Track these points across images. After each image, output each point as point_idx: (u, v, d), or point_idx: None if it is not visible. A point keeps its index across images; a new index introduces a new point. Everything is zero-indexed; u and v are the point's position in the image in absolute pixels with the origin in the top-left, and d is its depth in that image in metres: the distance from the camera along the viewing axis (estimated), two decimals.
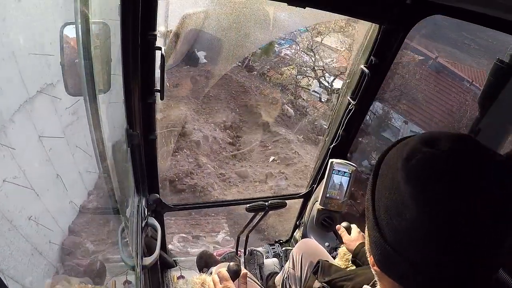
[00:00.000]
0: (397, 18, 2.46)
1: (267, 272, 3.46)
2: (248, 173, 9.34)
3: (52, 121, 3.80)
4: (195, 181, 8.57)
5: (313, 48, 12.87)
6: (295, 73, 13.42)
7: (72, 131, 4.13)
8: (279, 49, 14.30)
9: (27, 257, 3.04)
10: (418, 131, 9.56)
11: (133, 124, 2.08)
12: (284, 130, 11.28)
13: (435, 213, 0.89)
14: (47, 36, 3.36)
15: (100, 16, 1.62)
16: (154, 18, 1.97)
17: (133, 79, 1.91)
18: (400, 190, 0.94)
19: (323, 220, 3.24)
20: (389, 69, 2.88)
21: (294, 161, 10.15)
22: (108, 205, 2.26)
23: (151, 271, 2.79)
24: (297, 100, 13.02)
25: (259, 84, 12.89)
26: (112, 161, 1.92)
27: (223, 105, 11.55)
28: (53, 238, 3.74)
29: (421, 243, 0.92)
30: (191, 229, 6.89)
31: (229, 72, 12.41)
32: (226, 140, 10.37)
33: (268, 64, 13.60)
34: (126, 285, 2.92)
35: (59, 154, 3.87)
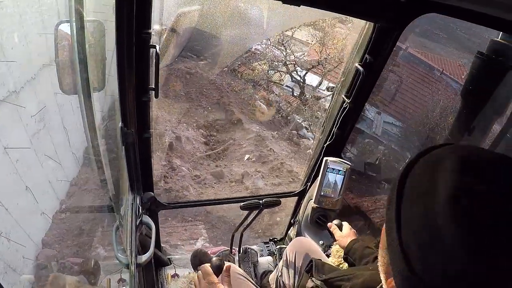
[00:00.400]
0: (392, 17, 2.46)
1: (262, 270, 3.46)
2: (223, 174, 9.23)
3: (17, 131, 3.69)
4: (170, 185, 8.47)
5: (284, 43, 12.83)
6: (266, 68, 13.37)
7: (40, 139, 4.02)
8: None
9: (0, 276, 2.99)
10: (391, 121, 9.49)
11: (128, 122, 2.08)
12: (258, 127, 11.18)
13: (488, 266, 0.80)
14: (8, 42, 3.31)
15: (94, 15, 1.61)
16: (148, 16, 1.97)
17: (128, 77, 1.91)
18: (442, 230, 0.83)
19: (318, 218, 3.26)
20: (384, 67, 2.89)
21: (270, 159, 10.02)
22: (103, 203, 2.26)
23: (145, 269, 2.79)
24: (269, 95, 12.94)
25: (231, 81, 12.81)
26: (107, 159, 1.92)
27: (194, 103, 11.42)
28: (27, 253, 3.63)
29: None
30: (168, 238, 6.70)
31: (199, 69, 12.37)
32: (199, 140, 10.24)
33: (239, 60, 13.47)
34: (121, 283, 2.92)
35: (27, 165, 3.77)
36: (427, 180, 0.92)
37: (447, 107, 6.87)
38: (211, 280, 1.84)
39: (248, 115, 11.71)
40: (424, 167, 0.98)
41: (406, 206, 0.94)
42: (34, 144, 3.93)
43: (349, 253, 2.41)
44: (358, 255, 2.35)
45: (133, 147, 2.21)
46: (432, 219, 0.85)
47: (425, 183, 0.92)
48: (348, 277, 1.84)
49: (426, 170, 0.96)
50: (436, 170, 0.91)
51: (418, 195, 0.92)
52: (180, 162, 9.23)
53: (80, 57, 1.24)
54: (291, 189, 3.86)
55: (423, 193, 0.91)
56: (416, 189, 0.94)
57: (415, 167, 1.00)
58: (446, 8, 2.14)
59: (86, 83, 1.30)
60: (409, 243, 0.90)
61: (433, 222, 0.84)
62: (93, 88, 1.47)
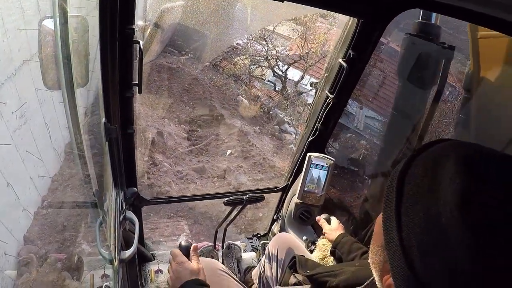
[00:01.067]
0: (376, 12, 2.48)
1: (245, 266, 3.47)
2: (205, 169, 9.19)
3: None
4: (152, 181, 8.41)
5: (266, 37, 12.72)
6: (248, 63, 13.24)
7: (21, 136, 3.99)
8: None
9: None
10: (373, 116, 9.48)
11: (111, 118, 2.07)
12: (240, 122, 11.13)
13: (494, 268, 0.78)
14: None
15: (78, 10, 1.61)
16: (132, 12, 1.96)
17: (111, 73, 1.90)
18: (448, 232, 0.81)
19: (301, 214, 3.28)
20: (368, 63, 2.91)
21: (252, 154, 9.99)
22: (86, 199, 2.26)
23: (129, 265, 2.79)
24: (251, 90, 12.92)
25: (212, 76, 12.67)
26: (90, 155, 1.92)
27: (176, 98, 11.31)
28: (8, 249, 3.66)
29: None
30: (151, 234, 6.65)
31: (180, 64, 12.32)
32: (181, 135, 10.16)
33: (221, 55, 13.39)
34: (104, 278, 2.92)
35: (8, 162, 3.77)
36: (429, 179, 0.90)
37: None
38: (180, 260, 2.00)
39: (230, 110, 11.66)
40: (425, 165, 0.96)
41: (407, 205, 0.92)
42: (15, 140, 3.88)
43: (337, 247, 2.44)
44: (346, 249, 2.37)
45: (116, 142, 2.20)
46: (437, 220, 0.83)
47: (427, 182, 0.91)
48: (334, 273, 1.85)
49: (427, 168, 0.94)
50: (438, 169, 0.90)
51: (420, 194, 0.91)
52: (162, 157, 9.19)
53: (63, 53, 1.24)
54: (273, 184, 3.87)
55: (426, 192, 0.90)
56: (418, 188, 0.92)
57: (414, 164, 0.98)
58: (428, 4, 2.16)
59: (70, 78, 1.30)
60: (410, 243, 0.89)
61: (438, 224, 0.83)
62: (77, 83, 1.47)
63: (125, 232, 2.69)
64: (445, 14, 2.10)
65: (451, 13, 2.06)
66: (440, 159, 0.92)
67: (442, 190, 0.85)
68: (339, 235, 2.49)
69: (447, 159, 0.89)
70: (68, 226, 4.36)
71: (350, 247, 2.37)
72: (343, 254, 2.38)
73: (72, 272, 3.13)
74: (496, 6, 1.45)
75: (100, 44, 1.73)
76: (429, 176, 0.91)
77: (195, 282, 1.93)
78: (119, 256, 2.16)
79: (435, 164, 0.92)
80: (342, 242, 2.43)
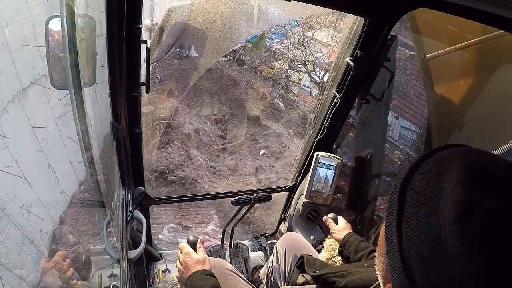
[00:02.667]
0: (382, 11, 2.47)
1: (253, 266, 3.47)
2: (238, 166, 9.35)
3: (44, 112, 3.78)
4: (186, 173, 8.57)
5: (304, 43, 12.80)
6: (286, 68, 13.31)
7: (64, 122, 4.01)
8: (270, 43, 14.28)
9: (18, 245, 3.04)
10: (409, 126, 9.41)
11: (119, 117, 2.08)
12: (275, 124, 11.26)
13: (496, 286, 0.76)
14: (39, 28, 3.34)
15: (85, 9, 1.61)
16: (139, 11, 1.97)
17: (119, 72, 1.91)
18: (446, 246, 0.78)
19: (309, 213, 3.27)
20: (375, 62, 2.90)
21: (284, 155, 10.11)
22: (94, 198, 2.27)
23: (136, 265, 2.80)
24: (287, 94, 12.96)
25: (250, 78, 12.81)
26: (98, 154, 1.92)
27: (214, 98, 11.52)
28: (45, 227, 3.69)
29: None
30: (181, 220, 6.92)
31: (220, 66, 12.37)
32: (216, 134, 10.35)
33: (259, 59, 13.49)
34: (112, 278, 2.92)
35: (51, 145, 3.84)
36: (432, 188, 0.87)
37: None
38: (187, 251, 2.12)
39: (266, 112, 11.74)
40: (428, 173, 0.91)
41: (408, 214, 0.89)
42: (59, 126, 3.98)
43: (344, 246, 2.43)
44: (354, 249, 2.36)
45: (123, 142, 2.20)
46: (436, 232, 0.81)
47: (429, 191, 0.87)
48: (342, 273, 1.82)
49: (430, 176, 0.90)
50: (441, 177, 0.86)
51: (422, 203, 0.87)
52: (196, 152, 9.36)
53: (71, 52, 1.24)
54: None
55: (427, 202, 0.86)
56: (419, 197, 0.89)
57: (418, 171, 0.94)
58: (437, 3, 2.14)
59: (77, 78, 1.30)
60: (410, 254, 0.86)
61: (437, 236, 0.80)
62: (84, 83, 1.47)
63: (133, 231, 2.70)
64: (453, 13, 2.08)
65: (459, 13, 2.05)
66: (444, 167, 0.88)
67: (442, 201, 0.82)
68: (346, 235, 2.48)
69: (451, 167, 0.86)
70: (83, 222, 4.41)
71: (357, 246, 2.36)
72: (350, 254, 2.37)
73: (80, 272, 3.14)
74: (508, 7, 1.45)
75: (107, 44, 1.74)
76: (431, 185, 0.87)
77: (201, 273, 2.00)
78: (127, 256, 2.17)
79: (438, 172, 0.89)
80: (350, 242, 2.42)
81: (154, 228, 6.50)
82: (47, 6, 3.46)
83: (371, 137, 3.56)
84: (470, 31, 2.59)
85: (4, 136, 2.93)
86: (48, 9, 3.42)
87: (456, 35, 2.73)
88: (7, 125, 3.04)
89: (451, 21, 2.67)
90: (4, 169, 2.96)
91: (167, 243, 6.09)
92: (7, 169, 3.01)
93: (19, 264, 3.00)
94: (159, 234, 6.45)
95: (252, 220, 7.46)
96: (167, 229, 6.60)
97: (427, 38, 3.04)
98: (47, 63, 1.70)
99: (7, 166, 3.03)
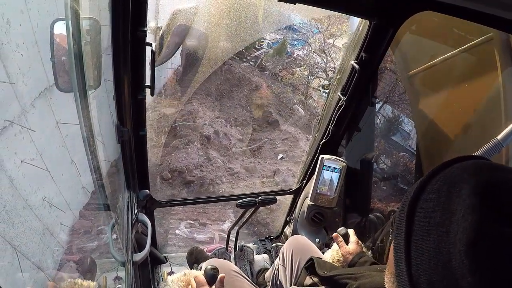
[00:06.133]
0: (387, 14, 2.46)
1: (258, 268, 3.47)
2: (256, 169, 9.39)
3: (69, 108, 3.76)
4: (204, 174, 8.65)
5: (325, 50, 12.81)
6: (306, 74, 13.34)
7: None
8: (292, 49, 14.39)
9: (39, 236, 3.14)
10: (412, 127, 9.31)
11: (124, 120, 2.08)
12: (294, 129, 11.28)
13: None
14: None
15: (90, 12, 1.62)
16: (144, 14, 1.97)
17: (124, 75, 1.91)
18: (456, 275, 0.75)
19: (313, 216, 3.26)
20: (379, 65, 2.90)
21: (302, 159, 10.08)
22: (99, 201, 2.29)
23: (141, 267, 2.80)
24: (307, 100, 12.97)
25: (271, 84, 12.88)
26: (103, 157, 1.92)
27: (234, 102, 11.57)
28: (65, 220, 3.85)
29: None
30: (198, 217, 7.01)
31: (241, 70, 12.49)
32: (236, 137, 10.39)
33: (280, 64, 13.54)
34: (117, 281, 2.93)
35: (74, 141, 3.93)
36: (442, 209, 0.83)
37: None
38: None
39: (285, 118, 11.79)
40: (438, 192, 0.86)
41: (417, 237, 0.86)
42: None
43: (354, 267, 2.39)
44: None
45: (128, 145, 2.21)
46: (447, 260, 0.77)
47: (439, 213, 0.83)
48: (355, 275, 1.79)
49: (440, 195, 0.85)
50: (452, 198, 0.82)
51: (431, 226, 0.83)
52: (216, 154, 9.44)
53: (76, 55, 1.24)
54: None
55: (437, 225, 0.82)
56: (429, 219, 0.84)
57: (427, 189, 0.90)
58: (442, 6, 2.13)
59: (82, 81, 1.30)
60: (419, 280, 0.83)
61: (447, 263, 0.77)
62: (89, 86, 1.47)
63: (138, 234, 2.70)
64: (457, 16, 2.07)
65: (463, 16, 2.04)
66: (455, 186, 0.83)
67: (453, 225, 0.78)
68: (355, 256, 2.42)
69: (463, 186, 0.81)
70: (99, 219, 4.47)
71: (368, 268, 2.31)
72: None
73: (85, 274, 3.15)
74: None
75: (112, 47, 1.74)
76: (442, 206, 0.83)
77: None
78: (132, 259, 2.16)
79: (449, 191, 0.84)
80: (359, 263, 2.36)
81: (172, 223, 6.62)
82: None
83: (376, 140, 3.55)
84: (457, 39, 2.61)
85: (30, 129, 3.06)
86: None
87: (440, 47, 2.77)
88: (33, 120, 3.15)
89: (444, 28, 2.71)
90: (29, 161, 3.07)
91: (172, 245, 6.11)
92: (31, 162, 3.13)
93: (38, 254, 3.08)
94: (176, 229, 6.53)
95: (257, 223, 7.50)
96: (184, 224, 6.66)
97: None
98: (52, 66, 1.71)
99: (32, 159, 3.15)
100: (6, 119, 2.80)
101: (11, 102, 2.90)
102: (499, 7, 1.63)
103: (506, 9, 1.60)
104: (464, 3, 1.81)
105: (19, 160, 2.96)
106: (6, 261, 2.57)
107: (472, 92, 2.60)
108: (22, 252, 2.76)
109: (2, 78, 2.71)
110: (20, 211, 2.95)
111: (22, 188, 2.97)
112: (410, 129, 3.73)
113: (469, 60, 2.59)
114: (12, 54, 2.83)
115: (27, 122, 3.05)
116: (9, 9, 2.76)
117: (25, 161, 3.02)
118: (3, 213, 2.64)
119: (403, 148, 3.93)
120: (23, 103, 3.05)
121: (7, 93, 2.83)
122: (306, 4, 2.26)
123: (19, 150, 2.95)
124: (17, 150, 2.91)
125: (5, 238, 2.60)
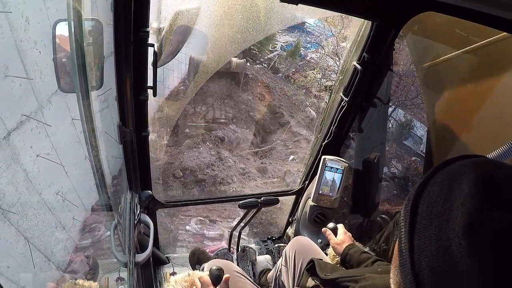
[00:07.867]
0: (389, 15, 2.46)
1: (260, 269, 3.46)
2: (267, 169, 9.46)
3: None
4: (216, 173, 8.75)
5: (338, 53, 12.80)
6: (319, 77, 13.38)
7: (102, 117, 4.08)
8: (305, 52, 14.49)
9: (51, 229, 3.20)
10: (417, 128, 9.31)
11: (126, 120, 2.08)
12: (305, 131, 11.30)
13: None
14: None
15: (92, 13, 1.62)
16: (146, 14, 1.97)
17: (126, 76, 1.91)
18: (456, 259, 0.77)
19: (316, 216, 3.26)
20: (382, 66, 2.89)
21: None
22: (101, 201, 2.30)
23: (143, 268, 2.80)
24: (319, 102, 12.99)
25: (284, 86, 12.95)
26: (105, 157, 1.92)
27: (247, 104, 11.61)
28: (77, 215, 3.93)
29: None
30: (209, 214, 7.13)
31: (254, 72, 12.57)
32: (248, 138, 10.45)
33: (293, 67, 13.64)
34: (119, 281, 2.93)
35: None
36: (443, 199, 0.86)
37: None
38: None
39: (297, 120, 11.83)
40: (441, 185, 0.90)
41: (420, 226, 0.89)
42: (96, 120, 4.06)
43: (345, 259, 2.40)
44: (356, 261, 2.33)
45: (131, 145, 2.21)
46: (447, 245, 0.80)
47: (441, 203, 0.86)
48: (356, 278, 1.81)
49: (442, 187, 0.89)
50: (453, 189, 0.85)
51: (433, 215, 0.86)
52: (228, 154, 9.55)
53: (78, 56, 1.24)
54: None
55: (439, 214, 0.85)
56: (431, 209, 0.88)
57: (431, 182, 0.93)
58: (444, 7, 2.13)
59: (84, 81, 1.30)
60: (421, 267, 0.85)
61: (447, 249, 0.80)
62: (91, 86, 1.47)
63: (140, 235, 2.70)
64: (460, 17, 2.07)
65: (465, 16, 2.04)
66: (456, 179, 0.87)
67: (453, 212, 0.81)
68: (346, 247, 2.43)
69: (464, 179, 0.85)
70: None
71: (359, 258, 2.31)
72: (353, 266, 2.34)
73: (87, 275, 3.16)
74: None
75: (114, 47, 1.74)
76: (443, 197, 0.87)
77: None
78: (134, 259, 2.16)
79: (451, 184, 0.88)
80: (350, 255, 2.37)
81: (182, 219, 6.75)
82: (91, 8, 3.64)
83: (378, 141, 3.54)
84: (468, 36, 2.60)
85: (46, 124, 3.13)
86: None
87: (455, 40, 2.75)
88: (50, 115, 3.23)
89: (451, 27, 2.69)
90: (44, 156, 3.15)
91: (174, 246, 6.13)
92: (47, 156, 3.21)
93: (49, 247, 3.11)
94: (186, 225, 6.63)
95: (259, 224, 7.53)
96: (194, 221, 6.71)
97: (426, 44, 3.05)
98: (54, 66, 1.71)
99: (47, 154, 3.23)
100: (23, 114, 2.85)
101: (29, 97, 2.96)
102: (500, 7, 1.63)
103: (506, 9, 1.61)
104: (465, 3, 1.81)
105: (35, 154, 3.02)
106: (19, 252, 2.62)
107: (489, 90, 2.59)
108: (35, 244, 2.79)
109: (20, 74, 2.76)
110: (34, 204, 3.01)
111: (36, 181, 3.04)
112: (414, 131, 3.74)
113: (489, 56, 2.57)
114: (30, 51, 2.87)
115: (43, 117, 3.11)
116: (28, 7, 2.81)
117: (41, 155, 3.09)
118: (18, 205, 2.69)
119: (408, 149, 3.94)
120: (40, 98, 3.10)
121: (24, 89, 2.88)
122: (308, 4, 2.26)
123: (35, 144, 3.00)
124: (33, 144, 2.96)
125: (19, 230, 2.65)
